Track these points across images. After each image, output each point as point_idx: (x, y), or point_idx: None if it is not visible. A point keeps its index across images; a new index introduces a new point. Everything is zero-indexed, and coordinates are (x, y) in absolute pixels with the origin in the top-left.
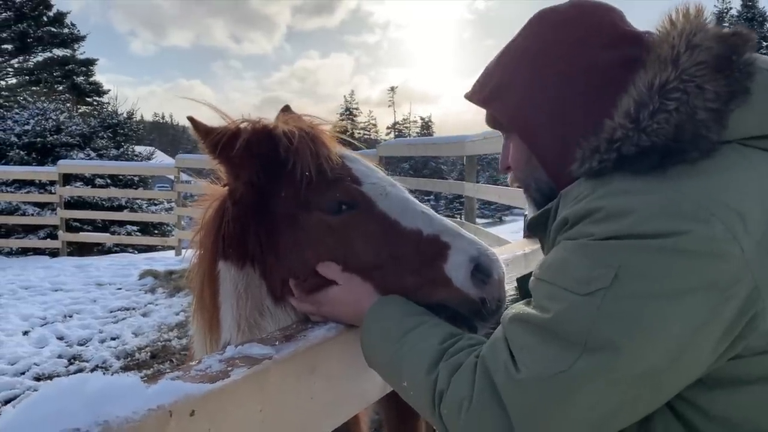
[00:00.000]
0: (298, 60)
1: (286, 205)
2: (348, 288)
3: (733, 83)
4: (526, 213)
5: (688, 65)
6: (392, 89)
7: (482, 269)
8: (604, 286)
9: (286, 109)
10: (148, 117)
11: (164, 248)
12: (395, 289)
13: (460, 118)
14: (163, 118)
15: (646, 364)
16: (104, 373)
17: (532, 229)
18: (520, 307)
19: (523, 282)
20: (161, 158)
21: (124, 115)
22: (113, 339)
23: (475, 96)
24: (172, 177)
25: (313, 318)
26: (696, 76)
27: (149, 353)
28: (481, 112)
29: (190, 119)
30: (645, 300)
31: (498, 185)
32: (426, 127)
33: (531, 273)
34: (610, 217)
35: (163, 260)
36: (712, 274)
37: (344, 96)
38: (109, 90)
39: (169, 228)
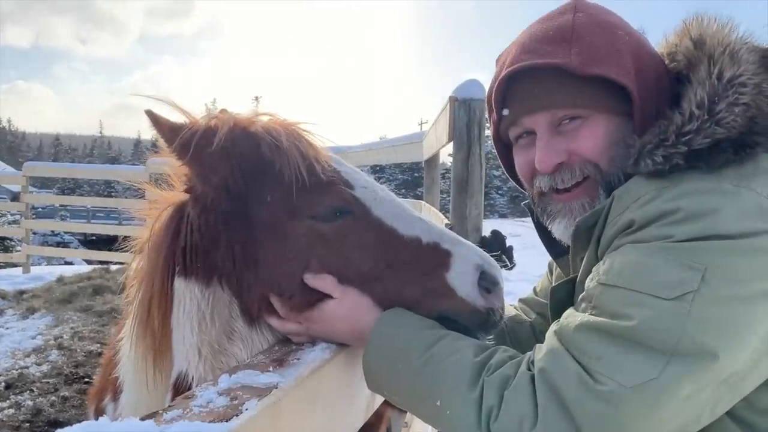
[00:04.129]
0: (152, 65)
1: (270, 213)
2: (344, 302)
3: None
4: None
5: (748, 61)
6: (256, 99)
7: (487, 277)
8: (693, 290)
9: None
10: None
11: (7, 265)
12: (394, 303)
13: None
14: None
15: (736, 366)
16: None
17: (581, 232)
18: (581, 316)
19: (557, 290)
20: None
21: None
22: None
23: (574, 62)
24: (12, 187)
25: (297, 339)
26: (757, 74)
27: (3, 383)
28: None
29: (150, 114)
30: (736, 303)
31: None
32: None
33: (566, 281)
34: (691, 218)
35: (10, 278)
36: None
37: (205, 104)
38: None
39: (13, 243)
